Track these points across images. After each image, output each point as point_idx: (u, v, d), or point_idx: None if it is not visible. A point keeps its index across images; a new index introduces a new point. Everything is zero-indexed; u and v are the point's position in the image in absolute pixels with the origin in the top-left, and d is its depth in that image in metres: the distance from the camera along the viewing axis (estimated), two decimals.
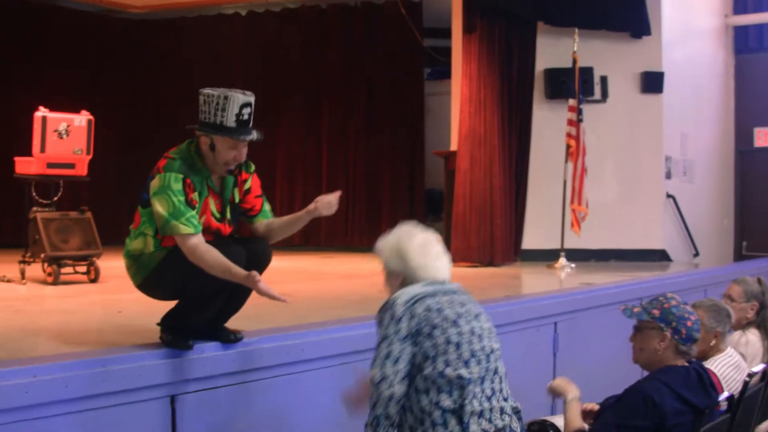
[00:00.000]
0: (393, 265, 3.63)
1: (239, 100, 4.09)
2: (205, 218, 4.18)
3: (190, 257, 4.00)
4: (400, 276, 3.60)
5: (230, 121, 4.09)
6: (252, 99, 4.17)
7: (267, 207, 4.54)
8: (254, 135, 4.17)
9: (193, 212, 4.06)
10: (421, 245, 3.62)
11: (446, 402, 3.31)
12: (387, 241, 3.70)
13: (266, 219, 4.51)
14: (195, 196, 4.11)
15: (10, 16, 13.34)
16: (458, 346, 3.36)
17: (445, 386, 3.33)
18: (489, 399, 3.39)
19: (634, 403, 3.74)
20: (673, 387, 3.72)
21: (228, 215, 4.34)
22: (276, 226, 4.49)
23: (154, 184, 4.07)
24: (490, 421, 3.37)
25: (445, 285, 3.57)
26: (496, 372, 3.47)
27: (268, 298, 3.96)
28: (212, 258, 3.98)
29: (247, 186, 4.42)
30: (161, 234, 4.11)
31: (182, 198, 4.03)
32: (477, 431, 3.33)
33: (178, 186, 4.04)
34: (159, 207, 4.02)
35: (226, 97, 4.08)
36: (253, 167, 4.44)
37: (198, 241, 4.01)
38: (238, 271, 3.97)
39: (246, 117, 4.13)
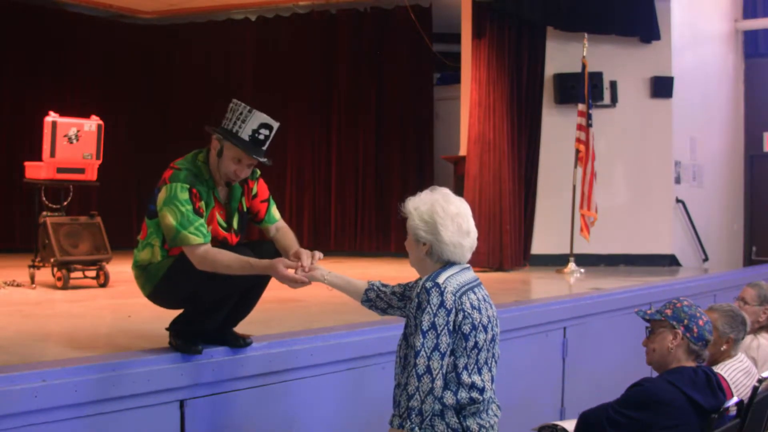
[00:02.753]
0: (421, 234, 3.48)
1: (260, 118, 4.07)
2: (213, 228, 4.17)
3: (203, 265, 3.97)
4: (427, 245, 3.48)
5: (245, 134, 4.07)
6: (275, 124, 4.13)
7: (274, 212, 4.49)
8: (263, 157, 4.12)
9: (202, 221, 4.04)
10: (455, 221, 3.46)
11: (449, 400, 3.31)
12: (418, 208, 3.51)
13: (272, 224, 4.47)
14: (202, 204, 4.10)
15: (21, 21, 13.40)
16: (479, 351, 3.36)
17: (454, 386, 3.32)
18: (487, 401, 3.39)
19: (636, 396, 3.83)
20: (678, 386, 3.77)
21: (235, 225, 4.33)
22: (278, 242, 4.39)
23: (161, 196, 4.06)
24: (482, 419, 3.38)
25: (470, 271, 3.51)
26: (495, 375, 3.49)
27: (289, 285, 3.89)
28: (227, 258, 3.95)
29: (254, 192, 4.41)
30: (170, 245, 4.10)
31: (190, 207, 4.02)
32: (473, 426, 3.34)
33: (184, 195, 4.02)
34: (168, 218, 4.00)
35: (250, 110, 4.07)
36: (258, 173, 4.43)
37: (207, 247, 3.99)
38: (258, 262, 3.91)
39: (262, 138, 4.10)
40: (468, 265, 3.54)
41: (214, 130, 4.16)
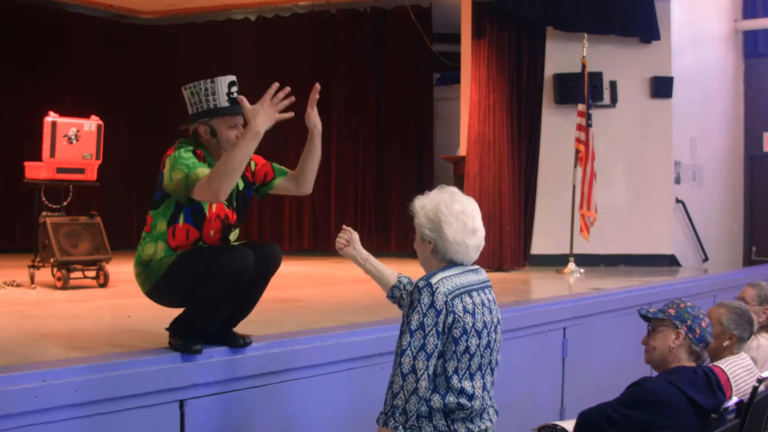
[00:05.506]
0: (426, 233, 3.47)
1: (226, 80, 4.23)
2: (217, 205, 4.20)
3: (217, 180, 3.87)
4: (432, 243, 3.46)
5: (223, 102, 4.22)
6: (235, 78, 4.28)
7: (278, 166, 4.51)
8: None
9: (206, 166, 4.08)
10: (459, 219, 3.43)
11: (437, 403, 3.29)
12: (424, 206, 3.50)
13: (285, 175, 4.50)
14: (205, 165, 4.13)
15: (21, 21, 13.41)
16: (472, 357, 3.32)
17: (443, 389, 3.30)
18: (478, 408, 3.36)
19: (635, 396, 3.83)
20: (679, 386, 3.76)
21: (234, 203, 4.36)
22: (300, 170, 4.45)
23: (166, 170, 4.12)
24: (473, 423, 3.35)
25: (477, 274, 3.49)
26: (492, 382, 3.46)
27: (270, 114, 4.05)
28: (226, 155, 3.91)
29: (252, 168, 4.44)
30: (187, 195, 4.04)
31: (195, 159, 4.09)
32: (461, 430, 3.32)
33: (188, 154, 4.12)
34: (176, 176, 4.03)
35: (212, 81, 4.21)
36: None
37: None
38: (246, 133, 3.90)
39: (235, 95, 4.23)
40: (476, 267, 3.52)
41: (194, 121, 4.27)
